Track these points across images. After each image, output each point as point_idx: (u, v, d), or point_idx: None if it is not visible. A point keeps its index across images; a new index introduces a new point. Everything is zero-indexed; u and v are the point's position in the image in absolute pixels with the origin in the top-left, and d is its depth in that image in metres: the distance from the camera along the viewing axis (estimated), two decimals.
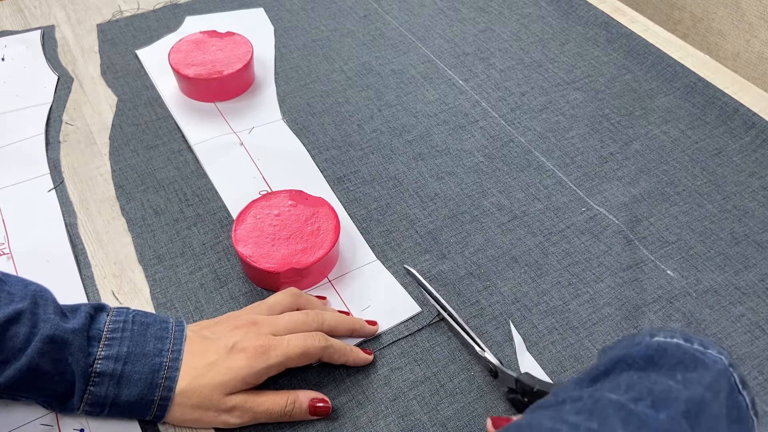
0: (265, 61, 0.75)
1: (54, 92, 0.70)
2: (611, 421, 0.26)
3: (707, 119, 0.68)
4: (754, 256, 0.56)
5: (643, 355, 0.30)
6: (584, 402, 0.27)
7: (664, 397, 0.27)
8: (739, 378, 0.30)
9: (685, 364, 0.29)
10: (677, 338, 0.30)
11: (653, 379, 0.28)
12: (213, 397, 0.42)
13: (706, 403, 0.27)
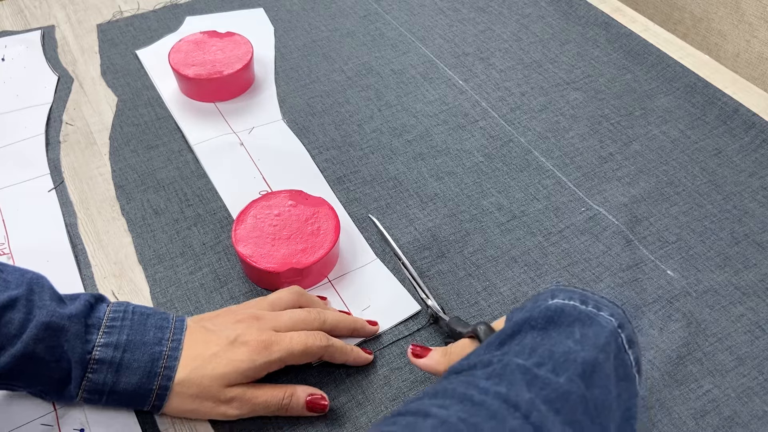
0: (265, 61, 0.75)
1: (54, 92, 0.70)
2: (518, 384, 0.29)
3: (707, 119, 0.68)
4: (754, 256, 0.56)
5: (543, 315, 0.33)
6: (494, 367, 0.30)
7: (563, 360, 0.30)
8: (626, 338, 0.33)
9: (581, 321, 0.32)
10: (575, 300, 0.34)
11: (554, 340, 0.31)
12: (212, 388, 0.42)
13: (599, 363, 0.30)
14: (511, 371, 0.30)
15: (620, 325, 0.33)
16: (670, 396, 0.47)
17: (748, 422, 0.46)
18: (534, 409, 0.28)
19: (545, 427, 0.27)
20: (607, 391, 0.30)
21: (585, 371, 0.30)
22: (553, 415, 0.28)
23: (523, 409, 0.28)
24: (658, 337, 0.50)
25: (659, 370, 0.48)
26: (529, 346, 0.31)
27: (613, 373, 0.31)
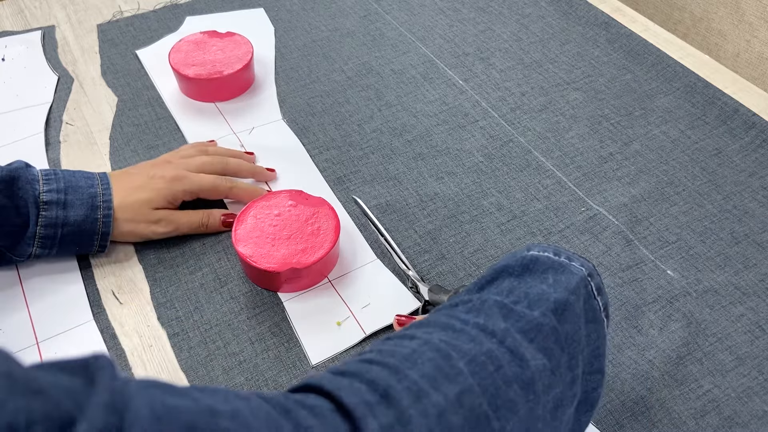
0: (265, 61, 0.75)
1: (54, 92, 0.70)
2: (495, 317, 0.31)
3: (707, 119, 0.68)
4: (754, 256, 0.56)
5: (519, 264, 0.36)
6: (473, 303, 0.33)
7: (537, 299, 0.33)
8: (595, 286, 0.35)
9: (554, 269, 0.35)
10: (548, 252, 0.37)
11: (529, 284, 0.34)
12: (142, 211, 0.53)
13: (570, 303, 0.33)
14: (489, 306, 0.32)
15: (590, 275, 0.36)
16: (670, 396, 0.47)
17: (748, 422, 0.46)
18: (509, 336, 0.30)
19: (519, 351, 0.30)
20: (577, 327, 0.33)
21: (557, 308, 0.32)
22: (527, 343, 0.31)
23: (499, 335, 0.30)
24: (658, 337, 0.50)
25: (659, 369, 0.48)
26: (507, 288, 0.34)
27: (582, 315, 0.34)
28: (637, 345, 0.50)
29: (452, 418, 0.25)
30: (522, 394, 0.28)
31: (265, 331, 0.50)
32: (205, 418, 0.19)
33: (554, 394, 0.30)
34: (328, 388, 0.25)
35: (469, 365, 0.28)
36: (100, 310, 0.51)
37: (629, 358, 0.49)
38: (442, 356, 0.28)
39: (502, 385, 0.28)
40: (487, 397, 0.27)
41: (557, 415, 0.30)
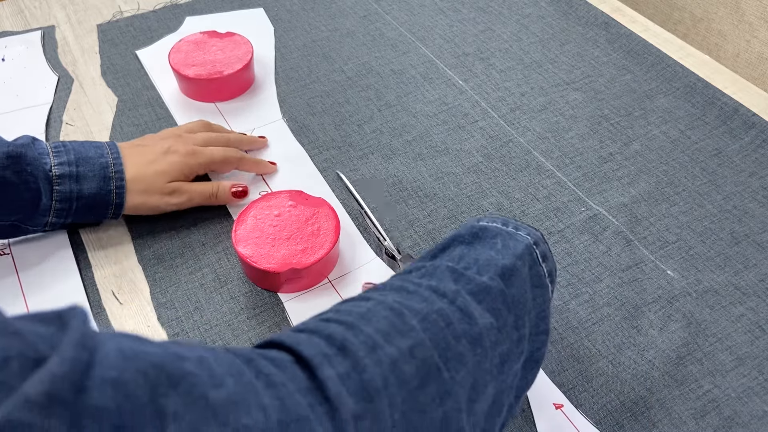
0: (265, 61, 0.75)
1: (54, 92, 0.70)
2: (446, 280, 0.33)
3: (707, 119, 0.68)
4: (754, 256, 0.56)
5: (469, 232, 0.38)
6: (426, 269, 0.35)
7: (485, 264, 0.35)
8: (540, 254, 0.38)
9: (502, 237, 0.37)
10: (497, 222, 0.39)
11: (478, 251, 0.36)
12: (157, 183, 0.54)
13: (516, 268, 0.35)
14: (441, 271, 0.34)
15: (535, 243, 0.38)
16: (670, 396, 0.47)
17: (748, 422, 0.46)
18: (459, 296, 0.32)
19: (468, 310, 0.32)
20: (523, 291, 0.35)
21: (504, 273, 0.35)
22: (476, 304, 0.33)
23: (450, 296, 0.32)
24: (658, 337, 0.50)
25: (659, 370, 0.48)
26: (458, 255, 0.36)
27: (528, 279, 0.36)
28: (636, 345, 0.50)
29: (405, 368, 0.27)
30: (470, 349, 0.30)
31: (265, 331, 0.50)
32: (171, 360, 0.20)
33: (501, 350, 0.32)
34: (288, 342, 0.27)
35: (421, 322, 0.29)
36: (100, 310, 0.51)
37: (629, 358, 0.49)
38: (395, 314, 0.29)
39: (452, 340, 0.30)
40: (438, 350, 0.29)
41: (504, 369, 0.32)
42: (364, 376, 0.26)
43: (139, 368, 0.19)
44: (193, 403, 0.20)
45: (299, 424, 0.23)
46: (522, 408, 0.47)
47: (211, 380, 0.21)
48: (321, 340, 0.27)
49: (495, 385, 0.32)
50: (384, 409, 0.26)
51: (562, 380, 0.48)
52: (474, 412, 0.30)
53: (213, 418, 0.20)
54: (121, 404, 0.18)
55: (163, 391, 0.19)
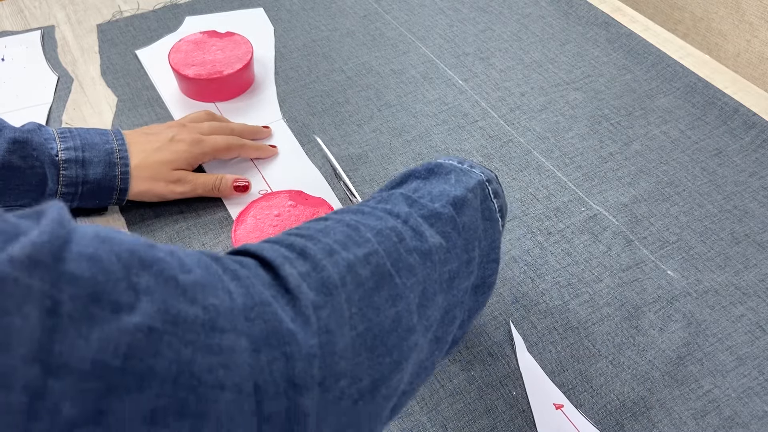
0: (265, 61, 0.75)
1: (54, 92, 0.70)
2: (399, 204, 0.35)
3: (707, 119, 0.68)
4: (754, 256, 0.56)
5: (425, 168, 0.40)
6: (381, 196, 0.37)
7: (439, 194, 0.37)
8: (492, 191, 0.40)
9: (456, 173, 0.39)
10: (452, 160, 0.41)
11: (433, 184, 0.38)
12: (162, 171, 0.54)
13: (468, 199, 0.37)
14: (396, 197, 0.36)
15: (488, 180, 0.40)
16: (670, 396, 0.47)
17: (748, 422, 0.46)
18: (412, 218, 0.34)
19: (419, 230, 0.34)
20: (474, 220, 0.37)
21: (456, 203, 0.37)
22: (428, 226, 0.34)
23: (403, 217, 0.34)
24: (659, 337, 0.50)
25: (659, 370, 0.48)
26: (413, 188, 0.38)
27: (479, 212, 0.38)
28: (637, 345, 0.50)
29: (360, 271, 0.29)
30: (420, 261, 0.32)
31: None
32: (143, 247, 0.21)
33: (450, 267, 0.34)
34: (252, 249, 0.29)
35: (375, 236, 0.31)
36: None
37: (629, 358, 0.49)
38: (351, 229, 0.31)
39: (404, 253, 0.32)
40: (390, 260, 0.31)
41: (453, 284, 0.35)
42: (322, 274, 0.28)
43: (113, 250, 0.20)
44: (164, 283, 0.21)
45: (263, 306, 0.24)
46: (522, 409, 0.47)
47: (181, 267, 0.22)
48: (282, 247, 0.29)
49: (445, 298, 0.34)
50: (342, 302, 0.27)
51: (562, 380, 0.48)
52: (426, 317, 0.32)
53: (182, 296, 0.21)
54: (97, 275, 0.19)
55: (135, 271, 0.20)
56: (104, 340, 0.18)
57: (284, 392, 0.23)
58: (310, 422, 0.24)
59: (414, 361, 0.31)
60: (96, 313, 0.18)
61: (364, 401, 0.27)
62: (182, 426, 0.20)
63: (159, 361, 0.19)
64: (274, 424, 0.23)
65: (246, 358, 0.22)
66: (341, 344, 0.26)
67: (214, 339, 0.21)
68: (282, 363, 0.23)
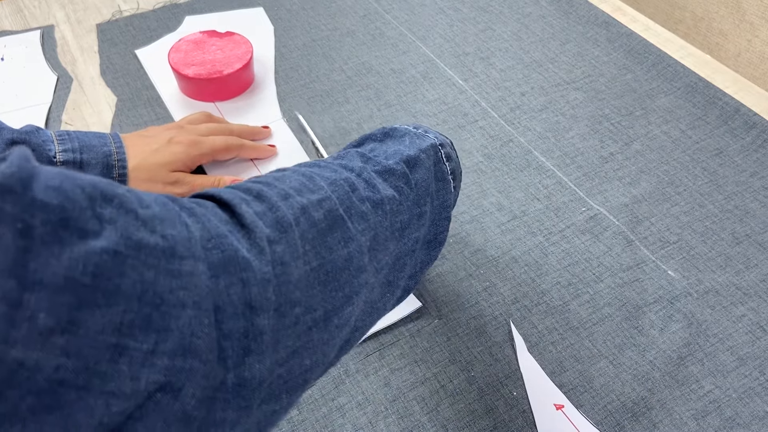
0: (265, 60, 0.75)
1: (53, 92, 0.70)
2: (354, 160, 0.37)
3: (708, 119, 0.68)
4: (755, 257, 0.56)
5: (382, 132, 0.43)
6: (337, 154, 0.40)
7: (393, 152, 0.39)
8: (444, 154, 0.42)
9: (411, 136, 0.42)
10: (407, 126, 0.43)
11: (388, 145, 0.41)
12: (160, 173, 0.54)
13: (421, 160, 0.39)
14: (351, 155, 0.38)
15: (441, 144, 0.42)
16: (671, 396, 0.47)
17: (749, 423, 0.46)
18: (365, 172, 0.36)
19: (372, 182, 0.35)
20: (426, 178, 0.39)
21: (409, 161, 0.39)
22: (381, 180, 0.36)
23: (357, 170, 0.36)
24: (659, 338, 0.50)
25: (660, 370, 0.48)
26: (369, 148, 0.40)
27: (432, 172, 0.40)
28: (637, 345, 0.50)
29: (314, 213, 0.31)
30: (372, 210, 0.34)
31: None
32: (104, 184, 0.23)
33: (401, 218, 0.36)
34: (210, 193, 0.30)
35: (330, 185, 0.33)
36: None
37: (630, 358, 0.49)
38: (306, 178, 0.33)
39: (356, 201, 0.33)
40: (343, 206, 0.33)
41: (404, 234, 0.37)
42: (277, 213, 0.29)
43: (77, 184, 0.21)
44: (125, 214, 0.22)
45: (219, 238, 0.26)
46: (522, 409, 0.46)
47: (140, 202, 0.24)
48: (240, 191, 0.30)
49: (396, 245, 0.36)
50: (296, 239, 0.29)
51: (562, 381, 0.48)
52: (377, 260, 0.34)
53: (143, 226, 0.23)
54: (64, 203, 0.20)
55: (99, 203, 0.22)
56: (74, 260, 0.20)
57: (242, 313, 0.25)
58: (265, 339, 0.26)
59: (365, 299, 0.33)
60: (65, 237, 0.20)
61: (318, 329, 0.30)
62: (148, 337, 0.22)
63: (124, 281, 0.21)
64: (233, 339, 0.25)
65: (205, 281, 0.24)
66: (295, 275, 0.28)
67: (173, 264, 0.23)
68: (239, 287, 0.25)
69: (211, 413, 0.24)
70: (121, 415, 0.21)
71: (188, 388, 0.23)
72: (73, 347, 0.20)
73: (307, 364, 0.29)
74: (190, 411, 0.23)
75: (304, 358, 0.29)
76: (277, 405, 0.28)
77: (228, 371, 0.25)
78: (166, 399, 0.22)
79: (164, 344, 0.22)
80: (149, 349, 0.22)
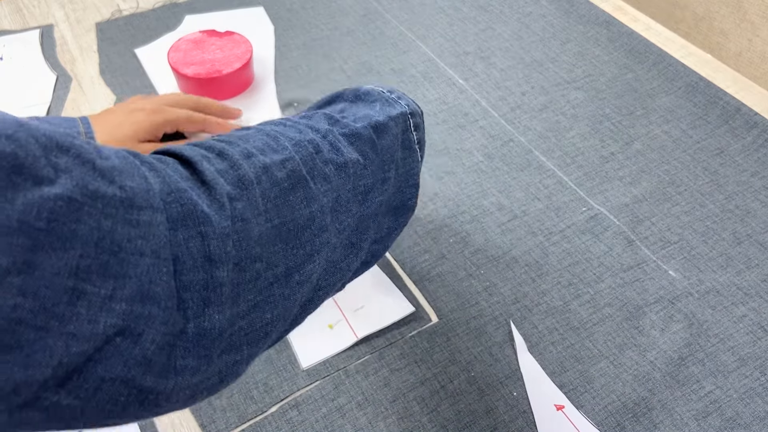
0: (264, 60, 0.75)
1: (52, 92, 0.70)
2: (321, 121, 0.37)
3: (709, 119, 0.68)
4: (756, 257, 0.56)
5: (353, 93, 0.42)
6: (304, 114, 0.39)
7: (362, 116, 0.39)
8: (413, 123, 0.42)
9: (382, 101, 0.41)
10: (381, 89, 0.43)
11: (358, 107, 0.40)
12: (127, 145, 0.53)
13: (389, 126, 0.39)
14: (318, 116, 0.38)
15: (411, 113, 0.42)
16: (671, 397, 0.47)
17: (750, 423, 0.46)
18: (331, 134, 0.36)
19: (337, 145, 0.35)
20: (392, 144, 0.39)
21: (378, 127, 0.38)
22: (346, 143, 0.36)
23: (323, 132, 0.36)
24: (660, 338, 0.50)
25: (661, 370, 0.48)
26: (339, 109, 0.40)
27: (399, 140, 0.40)
28: (638, 346, 0.50)
29: (276, 173, 0.31)
30: (336, 172, 0.34)
31: None
32: (62, 135, 0.23)
33: (365, 182, 0.36)
34: (172, 150, 0.30)
35: (294, 146, 0.33)
36: None
37: (630, 359, 0.49)
38: (271, 138, 0.33)
39: (320, 163, 0.34)
40: (306, 167, 0.33)
41: (368, 198, 0.37)
42: (239, 171, 0.29)
43: (32, 134, 0.21)
44: (82, 164, 0.23)
45: (179, 192, 0.26)
46: (523, 410, 0.46)
47: (98, 154, 0.24)
48: (202, 149, 0.30)
49: (359, 208, 0.36)
50: (256, 197, 0.29)
51: (563, 381, 0.48)
52: (339, 221, 0.34)
53: (100, 177, 0.23)
54: (17, 151, 0.20)
55: (54, 153, 0.22)
56: (28, 204, 0.20)
57: (201, 266, 0.26)
58: (225, 291, 0.27)
59: (327, 258, 0.34)
60: (19, 183, 0.20)
61: (279, 284, 0.30)
62: (106, 282, 0.22)
63: (81, 227, 0.21)
64: (193, 291, 0.25)
65: (163, 231, 0.25)
66: (256, 232, 0.29)
67: (132, 214, 0.23)
68: (198, 241, 0.26)
69: (171, 359, 0.25)
70: (80, 356, 0.22)
71: (148, 334, 0.24)
72: (30, 287, 0.20)
73: (268, 318, 0.30)
74: (150, 356, 0.24)
75: (265, 312, 0.30)
76: (238, 356, 0.29)
77: (188, 321, 0.25)
78: (125, 343, 0.23)
79: (122, 290, 0.23)
80: (107, 294, 0.22)
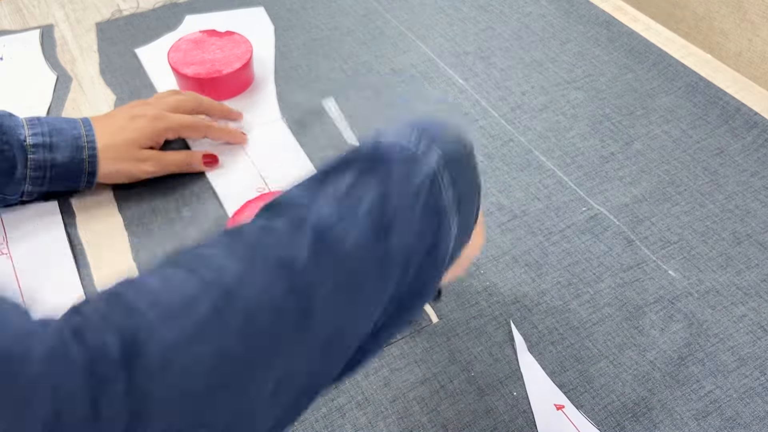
0: (264, 60, 0.75)
1: (53, 92, 0.70)
2: (302, 249, 0.28)
3: (709, 119, 0.68)
4: (756, 257, 0.56)
5: (370, 154, 0.33)
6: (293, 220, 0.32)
7: (366, 213, 0.30)
8: (447, 179, 0.32)
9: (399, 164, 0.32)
10: (404, 139, 0.33)
11: (365, 189, 0.31)
12: (129, 150, 0.55)
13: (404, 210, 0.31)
14: (303, 233, 0.30)
15: (447, 162, 0.33)
16: (671, 397, 0.47)
17: (750, 423, 0.46)
18: (308, 286, 0.28)
19: (309, 308, 0.28)
20: (405, 238, 0.31)
21: (384, 224, 0.30)
22: (322, 294, 0.28)
23: (299, 269, 0.28)
24: (660, 338, 0.50)
25: (661, 370, 0.48)
26: (343, 190, 0.31)
27: (418, 218, 0.31)
28: (638, 345, 0.50)
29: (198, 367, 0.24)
30: (286, 348, 0.27)
31: None
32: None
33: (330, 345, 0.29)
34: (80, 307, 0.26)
35: (244, 322, 0.25)
36: None
37: (630, 358, 0.49)
38: (215, 311, 0.25)
39: (268, 343, 0.26)
40: (246, 353, 0.26)
41: (327, 352, 0.29)
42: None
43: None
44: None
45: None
46: (523, 409, 0.46)
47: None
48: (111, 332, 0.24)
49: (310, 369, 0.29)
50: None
51: (563, 381, 0.48)
52: (278, 403, 0.28)
53: None
54: None
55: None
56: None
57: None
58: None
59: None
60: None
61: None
62: None
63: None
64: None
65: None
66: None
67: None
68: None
69: None
70: None
71: None
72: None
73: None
74: None
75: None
76: None
77: None
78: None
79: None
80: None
